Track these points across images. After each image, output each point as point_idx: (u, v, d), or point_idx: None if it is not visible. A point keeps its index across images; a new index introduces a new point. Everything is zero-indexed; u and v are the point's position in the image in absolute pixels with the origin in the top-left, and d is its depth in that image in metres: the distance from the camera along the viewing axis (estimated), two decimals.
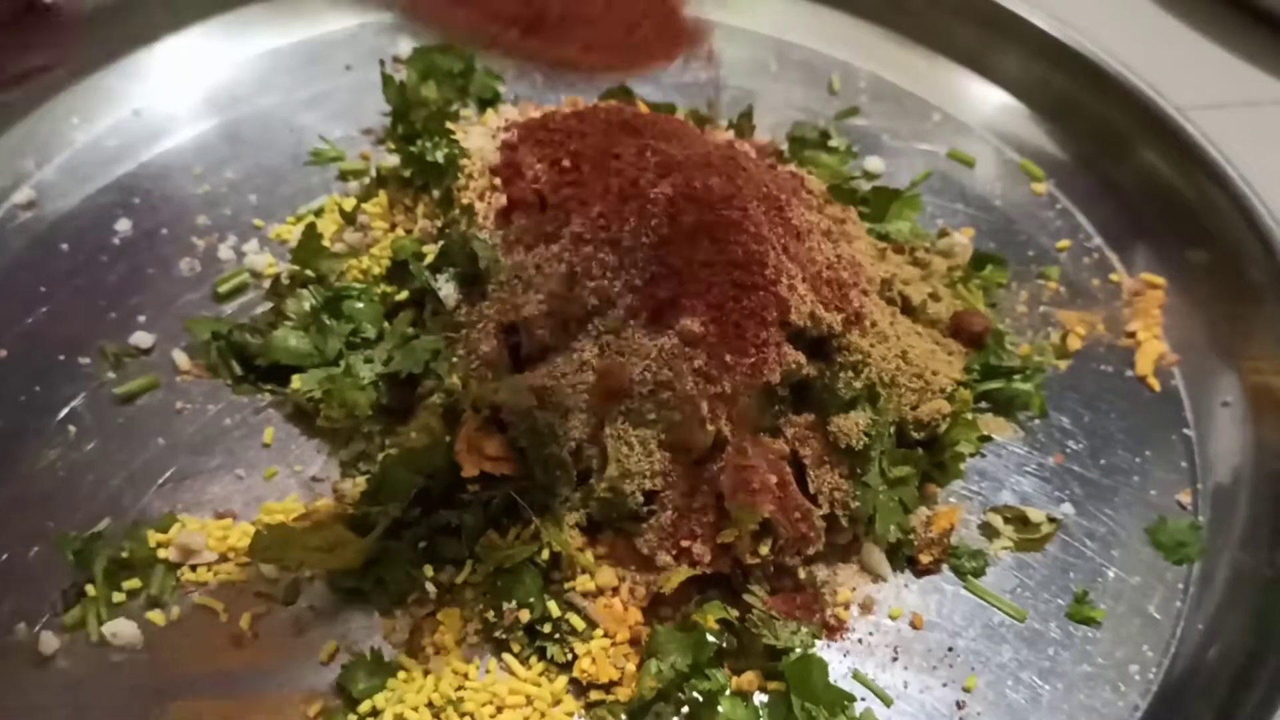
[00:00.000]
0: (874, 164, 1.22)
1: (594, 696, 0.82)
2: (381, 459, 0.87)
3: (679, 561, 0.84)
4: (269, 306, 1.01)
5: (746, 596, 0.85)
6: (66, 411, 0.94)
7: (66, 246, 1.06)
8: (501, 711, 0.81)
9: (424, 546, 0.86)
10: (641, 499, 0.85)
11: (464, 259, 0.96)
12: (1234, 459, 1.00)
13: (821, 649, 0.85)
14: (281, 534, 0.83)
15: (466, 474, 0.85)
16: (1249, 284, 1.08)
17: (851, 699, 0.81)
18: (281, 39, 1.27)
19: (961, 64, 1.32)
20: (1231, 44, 1.47)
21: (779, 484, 0.85)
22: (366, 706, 0.79)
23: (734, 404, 0.84)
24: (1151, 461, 1.01)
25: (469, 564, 0.85)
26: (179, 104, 1.19)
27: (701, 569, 0.84)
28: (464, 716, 0.80)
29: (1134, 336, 1.10)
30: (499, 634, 0.83)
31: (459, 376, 0.90)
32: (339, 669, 0.81)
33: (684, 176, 0.85)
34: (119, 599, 0.84)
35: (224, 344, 0.97)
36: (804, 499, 0.86)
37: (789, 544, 0.85)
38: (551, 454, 0.85)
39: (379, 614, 0.85)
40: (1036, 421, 1.02)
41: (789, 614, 0.85)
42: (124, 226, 1.08)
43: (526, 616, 0.82)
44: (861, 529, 0.90)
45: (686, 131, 1.00)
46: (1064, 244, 1.18)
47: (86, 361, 0.97)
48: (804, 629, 0.84)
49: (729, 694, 0.81)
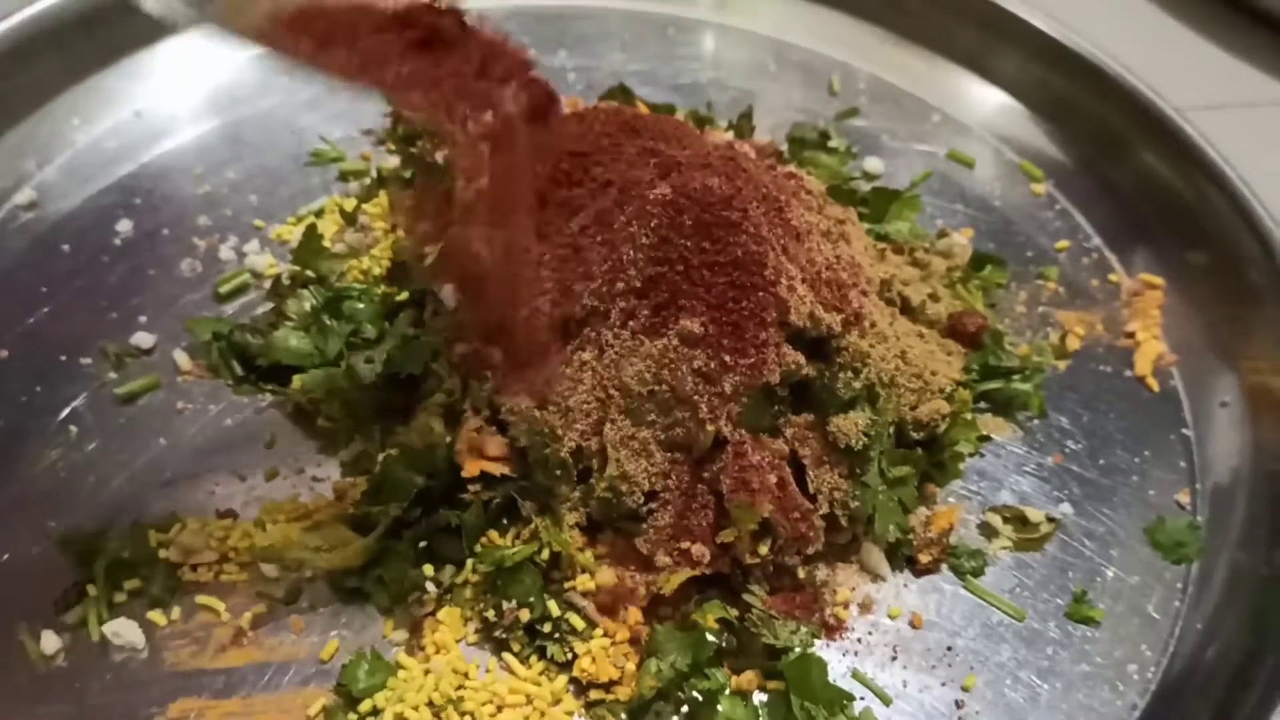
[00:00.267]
0: (873, 165, 1.23)
1: (594, 696, 0.82)
2: (382, 459, 0.87)
3: (678, 561, 0.84)
4: (270, 307, 1.01)
5: (746, 596, 0.85)
6: (68, 412, 0.94)
7: (68, 247, 1.06)
8: (501, 710, 0.81)
9: (424, 546, 0.86)
10: (641, 499, 0.85)
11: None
12: (1232, 459, 1.01)
13: (821, 648, 0.85)
14: (282, 534, 0.83)
15: (467, 474, 0.85)
16: (1247, 285, 1.08)
17: (851, 698, 0.81)
18: None
19: (961, 65, 1.33)
20: (1230, 45, 1.48)
21: (778, 484, 0.85)
22: (367, 705, 0.80)
23: (734, 404, 0.85)
24: (1150, 461, 1.01)
25: (469, 563, 0.85)
26: (180, 105, 1.20)
27: (701, 569, 0.84)
28: (464, 715, 0.80)
29: (1133, 337, 1.10)
30: (499, 633, 0.84)
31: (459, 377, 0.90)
32: (340, 668, 0.81)
33: (683, 177, 0.86)
34: (120, 599, 0.84)
35: (225, 344, 0.97)
36: (803, 499, 0.86)
37: (788, 544, 0.85)
38: (551, 454, 0.85)
39: (379, 613, 0.85)
40: (1035, 421, 1.03)
41: (788, 613, 0.85)
42: (125, 227, 1.08)
43: (526, 616, 0.83)
44: (861, 529, 0.90)
45: (686, 132, 1.00)
46: (1063, 244, 1.18)
47: (88, 362, 0.98)
48: (803, 628, 0.84)
49: (728, 693, 0.82)
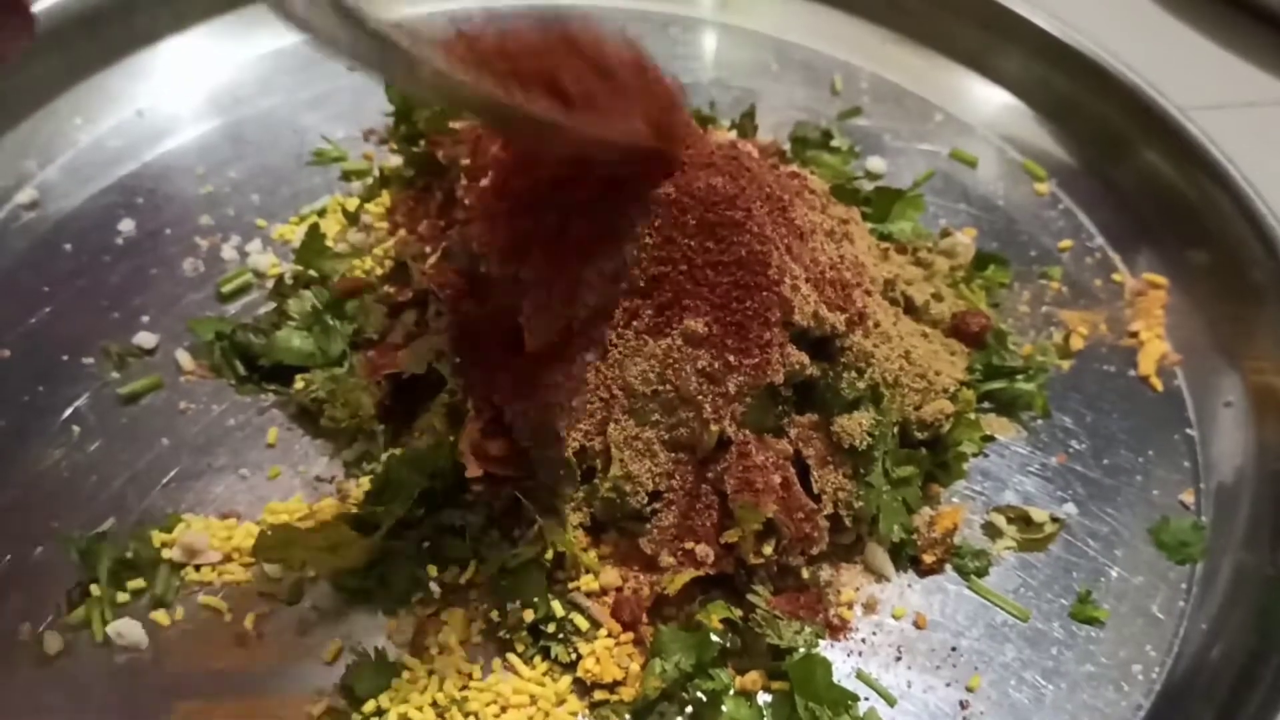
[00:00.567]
0: (876, 164, 1.22)
1: (598, 696, 0.82)
2: (385, 459, 0.87)
3: (682, 562, 0.84)
4: (272, 307, 1.01)
5: (750, 596, 0.85)
6: (70, 412, 0.94)
7: (69, 247, 1.06)
8: (506, 711, 0.81)
9: (428, 546, 0.86)
10: (645, 499, 0.85)
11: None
12: (1236, 459, 1.00)
13: (825, 649, 0.85)
14: (285, 534, 0.83)
15: (470, 474, 0.85)
16: (1251, 284, 1.08)
17: (855, 699, 0.81)
18: (284, 39, 1.26)
19: (963, 64, 1.33)
20: (1233, 44, 1.47)
21: (783, 484, 0.85)
22: (371, 706, 0.79)
23: (738, 404, 0.84)
24: (1154, 461, 1.01)
25: (473, 564, 0.85)
26: (182, 104, 1.20)
27: (705, 569, 0.84)
28: (468, 716, 0.80)
29: (1136, 336, 1.10)
30: (503, 634, 0.83)
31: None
32: (343, 669, 0.81)
33: (687, 177, 0.85)
34: (123, 599, 0.84)
35: (227, 344, 0.97)
36: (808, 499, 0.86)
37: (792, 544, 0.85)
38: (555, 454, 0.85)
39: (383, 614, 0.85)
40: (1039, 421, 1.02)
41: (793, 614, 0.85)
42: (127, 227, 1.08)
43: (530, 616, 0.82)
44: (865, 529, 0.90)
45: (689, 132, 1.00)
46: (1066, 244, 1.18)
47: (90, 362, 0.98)
48: (808, 629, 0.84)
49: (733, 694, 0.82)
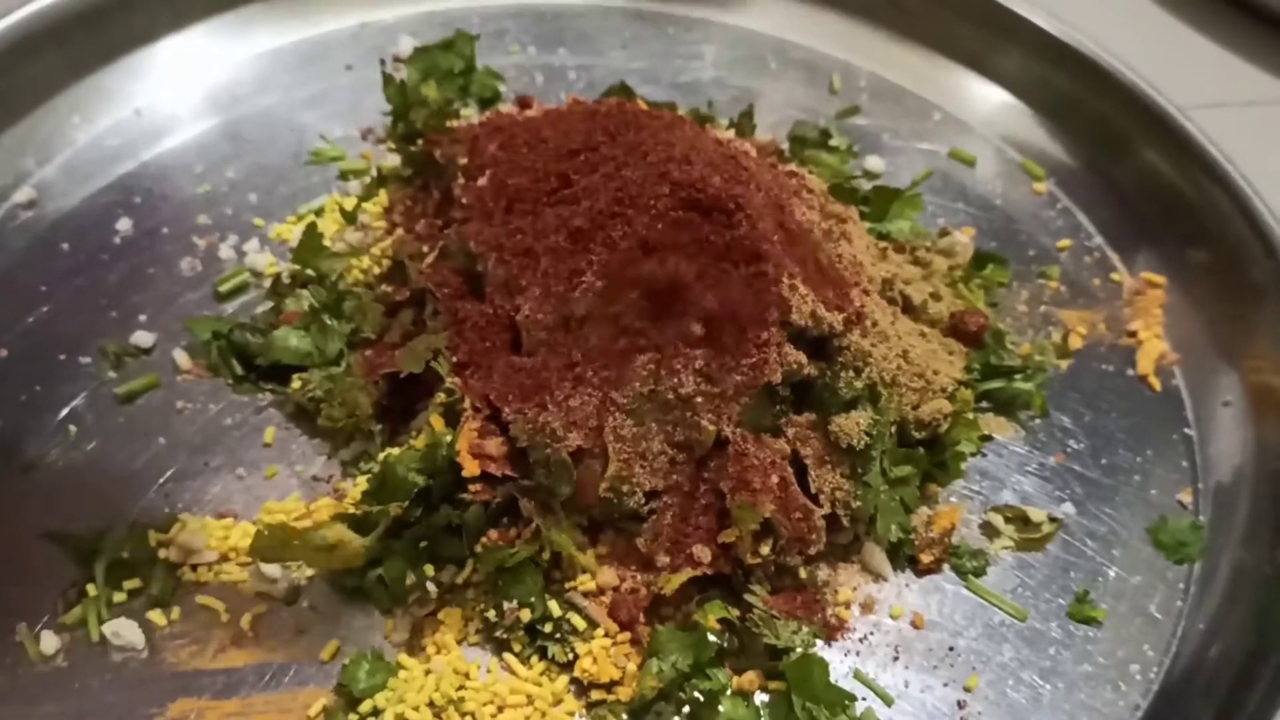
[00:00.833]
0: (874, 163, 1.22)
1: (595, 696, 0.82)
2: (382, 458, 0.87)
3: (680, 562, 0.84)
4: (270, 306, 1.01)
5: (747, 596, 0.85)
6: (67, 411, 0.94)
7: (67, 246, 1.06)
8: (502, 711, 0.81)
9: (425, 546, 0.85)
10: (642, 499, 0.85)
11: (464, 258, 0.96)
12: (1235, 458, 1.00)
13: (822, 649, 0.85)
14: (282, 534, 0.83)
15: (467, 473, 0.85)
16: (1250, 283, 1.08)
17: (852, 698, 0.81)
18: (282, 38, 1.26)
19: (962, 63, 1.32)
20: (1232, 43, 1.47)
21: (780, 484, 0.84)
22: (368, 706, 0.79)
23: (735, 404, 0.84)
24: (1152, 461, 1.01)
25: (470, 563, 0.85)
26: (180, 103, 1.19)
27: (703, 569, 0.84)
28: (465, 716, 0.80)
29: (1135, 336, 1.10)
30: (500, 633, 0.83)
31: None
32: (340, 668, 0.81)
33: (684, 176, 0.85)
34: (120, 599, 0.84)
35: (225, 343, 0.97)
36: (805, 499, 0.86)
37: (790, 544, 0.85)
38: (552, 453, 0.85)
39: (380, 613, 0.85)
40: (1037, 421, 1.02)
41: (790, 614, 0.84)
42: (125, 226, 1.08)
43: (527, 616, 0.83)
44: (862, 529, 0.90)
45: (687, 130, 1.00)
46: (1065, 243, 1.18)
47: (87, 361, 0.97)
48: (805, 629, 0.84)
49: (730, 694, 0.82)
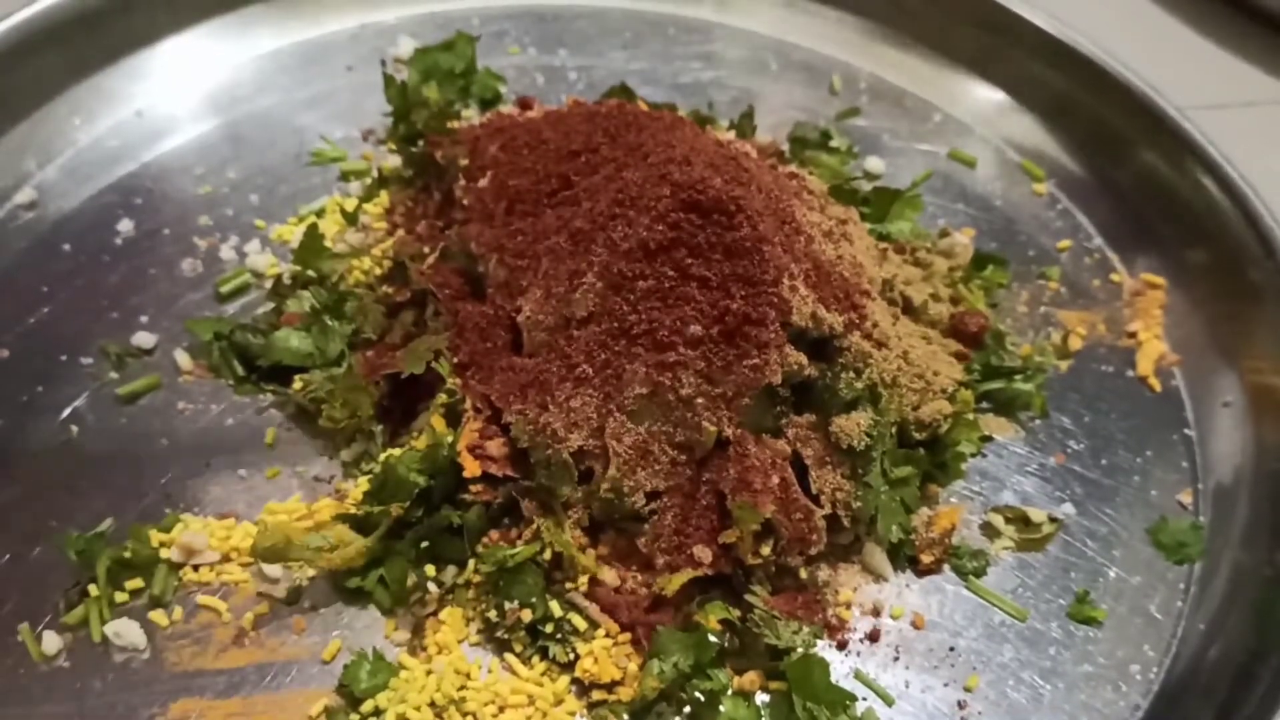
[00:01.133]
0: (875, 164, 1.22)
1: (596, 696, 0.82)
2: (383, 459, 0.87)
3: (681, 562, 0.84)
4: (271, 307, 1.01)
5: (748, 597, 0.85)
6: (69, 412, 0.94)
7: (68, 247, 1.06)
8: (504, 711, 0.81)
9: (426, 546, 0.86)
10: (643, 499, 0.85)
11: (464, 259, 0.96)
12: (1235, 459, 1.01)
13: (823, 649, 0.85)
14: (283, 534, 0.83)
15: (468, 474, 0.85)
16: (1249, 284, 1.08)
17: (853, 699, 0.81)
18: (283, 39, 1.27)
19: (962, 65, 1.32)
20: (1231, 44, 1.47)
21: (781, 484, 0.85)
22: (369, 706, 0.79)
23: (736, 405, 0.84)
24: (1152, 461, 1.01)
25: (471, 564, 0.85)
26: (180, 104, 1.19)
27: (703, 570, 0.84)
28: (466, 716, 0.80)
29: (1135, 336, 1.10)
30: (501, 634, 0.83)
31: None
32: (341, 668, 0.81)
33: (684, 177, 0.85)
34: (121, 599, 0.84)
35: (226, 344, 0.97)
36: (806, 499, 0.86)
37: (790, 544, 0.85)
38: (553, 454, 0.85)
39: (381, 614, 0.85)
40: (1037, 422, 1.02)
41: (790, 614, 0.85)
42: (126, 227, 1.08)
43: (528, 616, 0.83)
44: (863, 529, 0.90)
45: (687, 132, 1.00)
46: (1064, 244, 1.18)
47: (88, 362, 0.98)
48: (805, 629, 0.84)
49: (731, 694, 0.82)
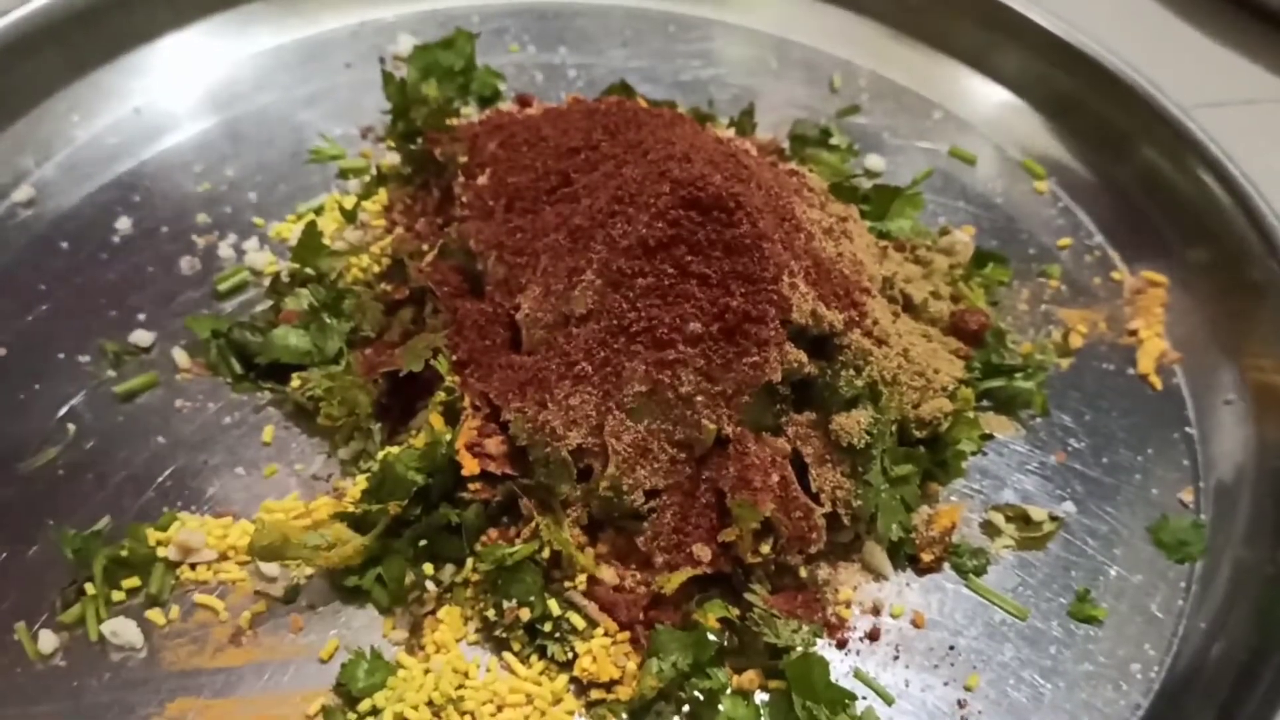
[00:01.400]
0: (875, 162, 1.22)
1: (595, 695, 0.81)
2: (382, 457, 0.86)
3: (680, 560, 0.84)
4: (269, 305, 1.01)
5: (748, 595, 0.85)
6: (66, 410, 0.94)
7: (66, 244, 1.06)
8: (502, 710, 0.81)
9: (424, 545, 0.85)
10: (642, 498, 0.85)
11: (463, 257, 0.96)
12: (1236, 457, 1.00)
13: (822, 648, 0.85)
14: (281, 532, 0.83)
15: (467, 472, 0.85)
16: (1250, 282, 1.08)
17: (853, 698, 0.81)
18: (282, 37, 1.26)
19: (963, 62, 1.32)
20: (1233, 42, 1.47)
21: (780, 483, 0.84)
22: (367, 705, 0.79)
23: (735, 402, 0.84)
24: (1153, 460, 1.01)
25: (469, 562, 0.85)
26: (179, 102, 1.19)
27: (703, 568, 0.84)
28: (464, 715, 0.80)
29: (1135, 334, 1.10)
30: (499, 632, 0.83)
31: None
32: (339, 667, 0.81)
33: (685, 174, 0.85)
34: (118, 598, 0.84)
35: (224, 342, 0.97)
36: (805, 497, 0.85)
37: (790, 543, 0.85)
38: (552, 452, 0.84)
39: (379, 612, 0.85)
40: (1038, 420, 1.02)
41: (790, 613, 0.84)
42: (124, 224, 1.08)
43: (527, 615, 0.82)
44: (863, 527, 0.89)
45: (687, 129, 1.00)
46: (1065, 242, 1.18)
47: (86, 359, 0.97)
48: (805, 628, 0.84)
49: (730, 693, 0.81)
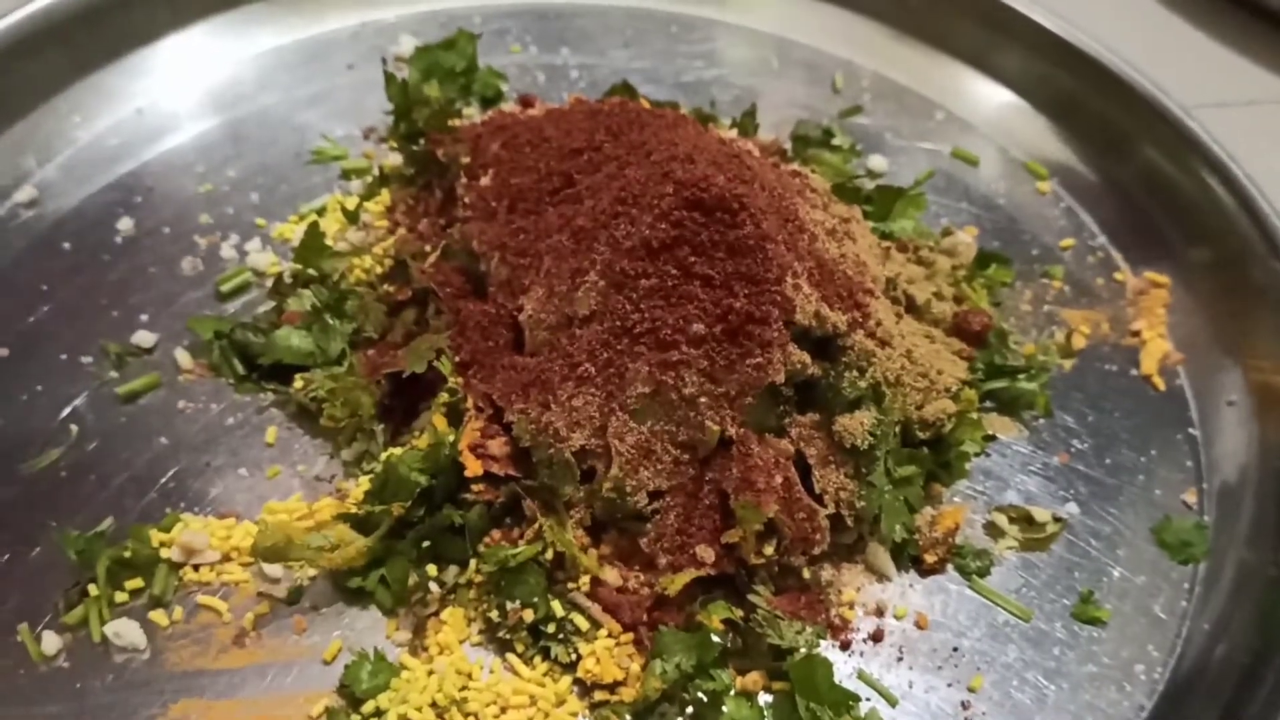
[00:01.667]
0: (877, 163, 1.22)
1: (598, 697, 0.81)
2: (385, 458, 0.86)
3: (683, 562, 0.84)
4: (272, 305, 1.01)
5: (751, 596, 0.84)
6: (69, 411, 0.94)
7: (68, 245, 1.05)
8: (505, 712, 0.81)
9: (427, 546, 0.85)
10: (646, 499, 0.85)
11: (466, 258, 0.96)
12: (1239, 458, 1.00)
13: (826, 649, 0.85)
14: (284, 534, 0.83)
15: (470, 473, 0.85)
16: (1253, 282, 1.08)
17: (856, 699, 0.81)
18: (284, 37, 1.26)
19: (965, 62, 1.32)
20: (1235, 42, 1.47)
21: (784, 484, 0.84)
22: (370, 706, 0.79)
23: (739, 404, 0.84)
24: (1157, 461, 1.01)
25: (473, 563, 0.85)
26: (181, 102, 1.19)
27: (706, 569, 0.84)
28: (468, 717, 0.80)
29: (1138, 335, 1.09)
30: (503, 634, 0.83)
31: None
32: (342, 669, 0.81)
33: (687, 175, 0.85)
34: (121, 599, 0.84)
35: (226, 343, 0.97)
36: (809, 499, 0.85)
37: (794, 544, 0.85)
38: (555, 453, 0.84)
39: (382, 614, 0.85)
40: (1041, 421, 1.02)
41: (794, 614, 0.84)
42: (126, 225, 1.07)
43: (530, 616, 0.82)
44: (866, 529, 0.89)
45: (690, 130, 0.99)
46: (1068, 243, 1.18)
47: (88, 360, 0.97)
48: (809, 629, 0.84)
49: (734, 694, 0.81)
